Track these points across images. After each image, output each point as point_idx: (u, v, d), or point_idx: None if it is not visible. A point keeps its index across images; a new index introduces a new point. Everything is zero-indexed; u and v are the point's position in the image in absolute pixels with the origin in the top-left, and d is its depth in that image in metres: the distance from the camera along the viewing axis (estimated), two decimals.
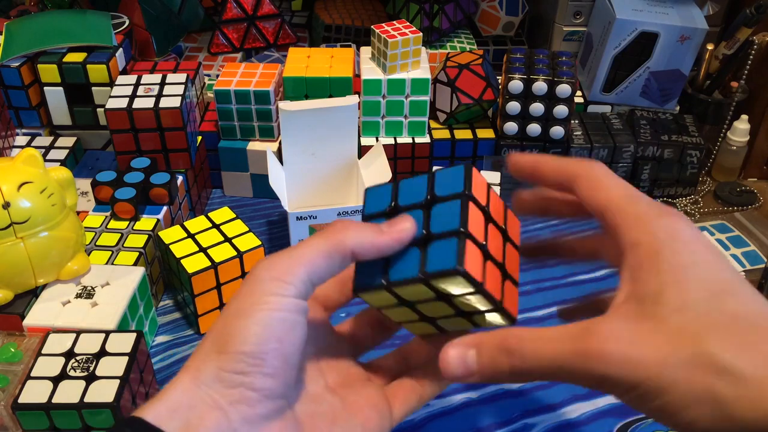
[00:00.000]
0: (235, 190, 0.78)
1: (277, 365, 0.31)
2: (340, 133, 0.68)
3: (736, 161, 0.81)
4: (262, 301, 0.31)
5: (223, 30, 0.93)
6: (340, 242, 0.32)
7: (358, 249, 0.32)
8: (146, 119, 0.64)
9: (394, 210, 0.35)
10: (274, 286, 0.31)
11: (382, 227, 0.33)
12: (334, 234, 0.33)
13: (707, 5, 0.86)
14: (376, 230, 0.33)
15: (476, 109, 0.76)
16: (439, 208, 0.34)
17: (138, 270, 0.57)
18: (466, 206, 0.33)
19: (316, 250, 0.32)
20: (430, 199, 0.34)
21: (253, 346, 0.30)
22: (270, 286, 0.31)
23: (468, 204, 0.33)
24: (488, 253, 0.33)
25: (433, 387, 0.38)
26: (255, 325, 0.30)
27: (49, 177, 0.52)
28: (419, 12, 0.89)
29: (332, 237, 0.32)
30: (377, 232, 0.33)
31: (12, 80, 0.71)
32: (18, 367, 0.49)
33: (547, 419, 0.53)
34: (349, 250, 0.32)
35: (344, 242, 0.32)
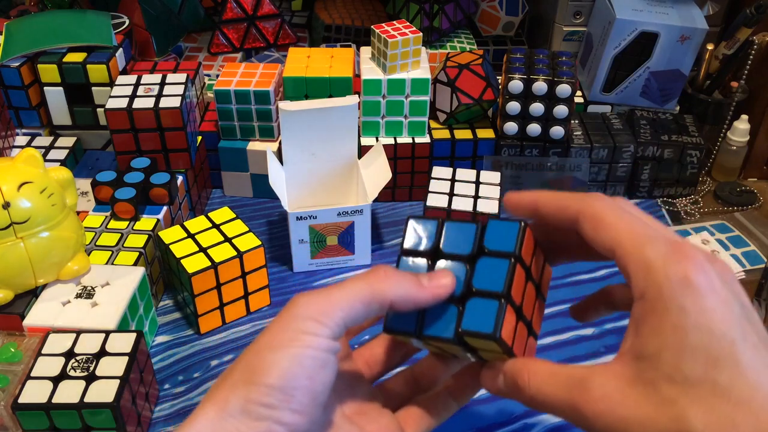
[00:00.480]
0: (235, 190, 0.78)
1: (305, 402, 0.31)
2: (340, 133, 0.68)
3: (736, 161, 0.81)
4: (297, 338, 0.31)
5: (223, 30, 0.93)
6: (381, 292, 0.32)
7: (397, 301, 0.33)
8: (146, 119, 0.64)
9: (434, 254, 0.35)
10: (309, 325, 0.31)
11: (422, 280, 0.33)
12: (376, 282, 0.33)
13: (707, 5, 0.86)
14: (416, 284, 0.33)
15: (476, 109, 0.76)
16: (486, 263, 0.34)
17: (138, 270, 0.57)
18: (513, 270, 0.33)
19: (355, 296, 0.32)
20: (477, 252, 0.34)
21: (283, 380, 0.30)
22: (306, 325, 0.31)
23: (516, 267, 0.33)
24: (521, 315, 0.34)
25: (443, 412, 0.39)
26: (287, 360, 0.31)
27: (49, 177, 0.52)
28: (419, 12, 0.89)
29: (374, 285, 0.33)
30: (417, 286, 0.33)
31: (12, 80, 0.71)
32: (18, 367, 0.49)
33: (547, 419, 0.52)
34: (388, 301, 0.33)
35: (385, 293, 0.33)
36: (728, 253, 0.68)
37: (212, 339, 0.60)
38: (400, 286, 0.33)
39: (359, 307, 0.32)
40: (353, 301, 0.32)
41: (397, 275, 0.33)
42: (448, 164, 0.76)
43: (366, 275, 0.33)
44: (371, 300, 0.32)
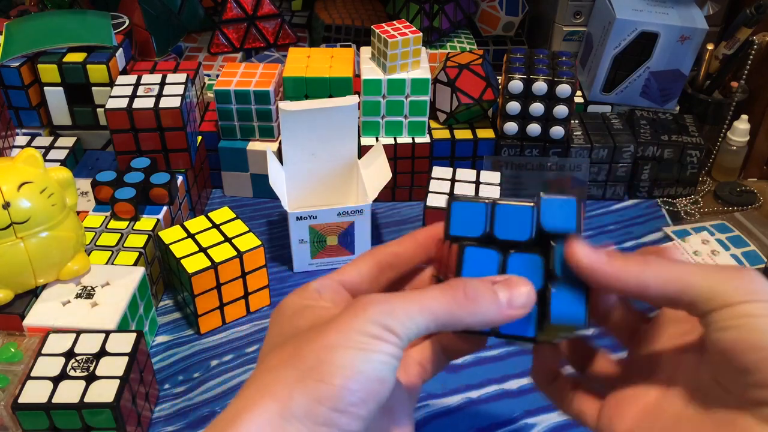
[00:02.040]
0: (235, 190, 0.78)
1: (373, 410, 0.29)
2: (340, 133, 0.68)
3: (736, 161, 0.81)
4: (368, 341, 0.29)
5: (223, 30, 0.93)
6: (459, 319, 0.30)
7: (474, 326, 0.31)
8: (146, 119, 0.64)
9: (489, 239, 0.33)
10: (385, 334, 0.29)
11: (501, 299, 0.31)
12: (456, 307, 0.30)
13: (707, 5, 0.86)
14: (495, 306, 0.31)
15: (476, 109, 0.76)
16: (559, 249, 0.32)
17: (138, 270, 0.57)
18: None
19: (432, 316, 0.30)
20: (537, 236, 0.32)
21: (357, 384, 0.28)
22: (381, 332, 0.29)
23: None
24: None
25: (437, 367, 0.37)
26: (361, 362, 0.28)
27: (49, 177, 0.52)
28: (419, 12, 0.89)
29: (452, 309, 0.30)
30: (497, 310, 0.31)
31: (12, 80, 0.71)
32: (18, 367, 0.49)
33: (547, 419, 0.53)
34: (463, 327, 0.31)
35: (462, 320, 0.30)
36: (728, 253, 0.68)
37: (212, 339, 0.60)
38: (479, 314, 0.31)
39: (432, 327, 0.30)
40: (429, 319, 0.30)
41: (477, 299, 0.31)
42: (448, 164, 0.76)
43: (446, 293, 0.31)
44: (447, 324, 0.30)
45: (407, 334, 0.29)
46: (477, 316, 0.31)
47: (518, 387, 0.55)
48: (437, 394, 0.54)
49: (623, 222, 0.75)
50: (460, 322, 0.30)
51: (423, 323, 0.30)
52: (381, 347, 0.29)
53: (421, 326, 0.30)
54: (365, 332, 0.29)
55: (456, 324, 0.30)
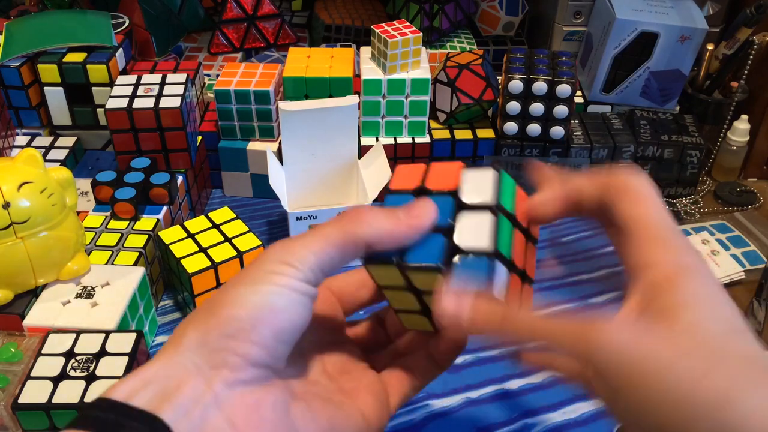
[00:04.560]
0: (235, 190, 0.78)
1: (266, 335, 0.29)
2: (340, 133, 0.68)
3: (736, 161, 0.81)
4: (265, 277, 0.30)
5: (223, 30, 0.93)
6: (354, 234, 0.31)
7: (374, 240, 0.31)
8: (146, 119, 0.64)
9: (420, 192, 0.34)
10: (279, 267, 0.30)
11: (399, 214, 0.32)
12: (349, 224, 0.31)
13: (707, 5, 0.86)
14: (393, 219, 0.32)
15: (476, 109, 0.76)
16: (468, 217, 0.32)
17: (138, 270, 0.57)
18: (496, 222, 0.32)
19: (328, 240, 0.31)
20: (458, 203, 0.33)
21: (244, 311, 0.29)
22: (275, 267, 0.30)
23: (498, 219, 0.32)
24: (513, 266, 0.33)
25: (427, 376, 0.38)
26: (251, 294, 0.30)
27: (49, 177, 0.52)
28: (419, 12, 0.89)
29: (346, 227, 0.31)
30: (394, 222, 0.31)
31: (12, 80, 0.71)
32: (18, 367, 0.49)
33: (547, 419, 0.53)
34: (362, 243, 0.31)
35: (358, 234, 0.31)
36: (728, 253, 0.68)
37: None
38: (375, 224, 0.31)
39: (333, 252, 0.31)
40: (326, 246, 0.31)
41: (372, 214, 0.32)
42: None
43: (337, 218, 0.32)
44: (345, 243, 0.31)
45: (306, 263, 0.30)
46: (371, 226, 0.31)
47: (518, 387, 0.55)
48: (437, 394, 0.54)
49: None
50: (355, 237, 0.31)
51: (319, 248, 0.31)
52: (274, 279, 0.30)
53: (318, 252, 0.31)
54: (261, 270, 0.30)
55: (353, 242, 0.31)
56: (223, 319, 0.29)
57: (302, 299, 0.30)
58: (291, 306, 0.30)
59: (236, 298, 0.30)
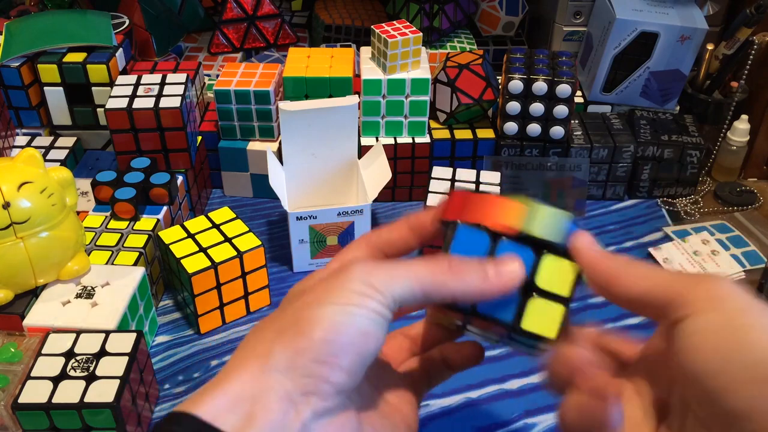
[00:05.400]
0: (235, 190, 0.78)
1: (354, 360, 0.29)
2: (340, 133, 0.68)
3: (736, 161, 0.81)
4: (350, 297, 0.29)
5: (223, 30, 0.93)
6: (444, 286, 0.30)
7: (460, 297, 0.31)
8: (146, 119, 0.64)
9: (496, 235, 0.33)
10: (365, 289, 0.29)
11: (489, 271, 0.31)
12: (443, 274, 0.31)
13: (707, 5, 0.86)
14: (482, 277, 0.31)
15: (476, 109, 0.76)
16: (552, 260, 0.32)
17: (138, 270, 0.57)
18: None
19: (417, 280, 0.30)
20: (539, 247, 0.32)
21: (335, 335, 0.28)
22: (360, 288, 0.29)
23: None
24: None
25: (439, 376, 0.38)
26: (339, 314, 0.28)
27: (49, 177, 0.52)
28: (419, 12, 0.89)
29: (438, 276, 0.31)
30: (484, 281, 0.31)
31: (12, 80, 0.71)
32: (18, 367, 0.49)
33: (547, 419, 0.52)
34: (449, 296, 0.31)
35: (447, 287, 0.30)
36: (728, 253, 0.68)
37: (212, 339, 0.60)
38: (466, 282, 0.31)
39: (418, 293, 0.30)
40: (414, 283, 0.30)
41: (464, 269, 0.31)
42: (448, 164, 0.76)
43: (431, 262, 0.31)
44: (432, 290, 0.30)
45: (391, 291, 0.30)
46: (461, 282, 0.31)
47: (518, 387, 0.55)
48: (437, 394, 0.54)
49: (623, 222, 0.75)
50: (444, 287, 0.30)
51: (407, 284, 0.30)
52: (361, 301, 0.29)
53: (404, 286, 0.30)
54: (347, 289, 0.29)
55: (440, 290, 0.30)
56: (314, 342, 0.28)
57: (384, 323, 0.30)
58: (375, 329, 0.29)
59: (326, 318, 0.29)
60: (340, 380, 0.28)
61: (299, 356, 0.28)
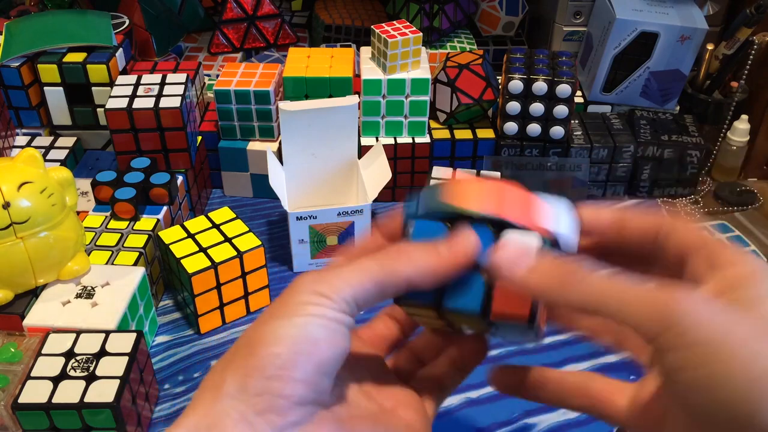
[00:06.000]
0: (235, 190, 0.78)
1: (309, 370, 0.28)
2: (340, 133, 0.68)
3: (736, 161, 0.81)
4: (298, 308, 0.29)
5: (223, 30, 0.93)
6: (395, 272, 0.30)
7: (415, 279, 0.30)
8: (146, 119, 0.64)
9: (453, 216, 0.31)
10: (314, 298, 0.29)
11: (440, 249, 0.30)
12: (389, 261, 0.30)
13: (707, 5, 0.86)
14: (434, 255, 0.30)
15: (476, 109, 0.76)
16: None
17: (138, 270, 0.57)
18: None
19: (367, 275, 0.30)
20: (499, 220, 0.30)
21: (283, 347, 0.28)
22: (310, 298, 0.29)
23: None
24: None
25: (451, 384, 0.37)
26: (288, 327, 0.28)
27: (49, 177, 0.52)
28: (419, 12, 0.89)
29: (386, 264, 0.30)
30: (436, 258, 0.30)
31: (12, 80, 0.71)
32: (18, 367, 0.49)
33: (547, 419, 0.53)
34: (403, 281, 0.30)
35: (398, 272, 0.30)
36: None
37: (212, 339, 0.60)
38: (416, 262, 0.30)
39: (371, 288, 0.29)
40: (364, 280, 0.29)
41: (412, 250, 0.30)
42: (448, 164, 0.76)
43: (377, 254, 0.30)
44: (384, 280, 0.30)
45: (340, 294, 0.29)
46: (411, 264, 0.30)
47: None
48: None
49: None
50: (395, 273, 0.30)
51: (357, 281, 0.29)
52: (308, 310, 0.28)
53: (355, 285, 0.29)
54: (293, 302, 0.29)
55: (392, 278, 0.30)
56: (262, 359, 0.28)
57: (339, 328, 0.29)
58: (330, 336, 0.29)
59: (272, 334, 0.28)
60: (296, 392, 0.28)
61: (249, 377, 0.28)
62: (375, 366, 0.37)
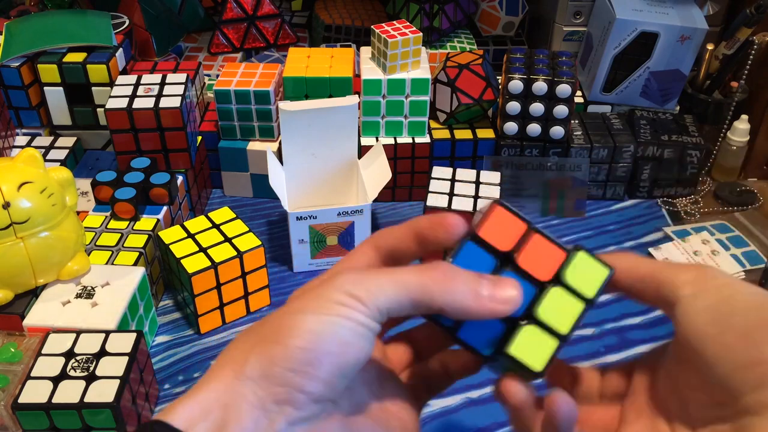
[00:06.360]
0: (235, 190, 0.78)
1: (332, 371, 0.28)
2: (340, 133, 0.68)
3: (736, 161, 0.81)
4: (332, 307, 0.28)
5: (223, 30, 0.93)
6: (433, 298, 0.29)
7: (449, 311, 0.30)
8: (146, 119, 0.64)
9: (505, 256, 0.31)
10: (347, 300, 0.29)
11: (483, 291, 0.30)
12: (431, 284, 0.30)
13: (707, 5, 0.86)
14: (475, 296, 0.30)
15: (476, 109, 0.76)
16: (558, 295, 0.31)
17: (138, 270, 0.57)
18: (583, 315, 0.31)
19: (405, 290, 0.29)
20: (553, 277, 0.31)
21: (311, 344, 0.28)
22: (343, 299, 0.29)
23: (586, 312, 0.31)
24: None
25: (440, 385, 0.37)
26: (318, 323, 0.28)
27: (49, 177, 0.52)
28: (419, 12, 0.89)
29: (426, 286, 0.29)
30: (475, 300, 0.30)
31: (12, 80, 0.71)
32: (18, 367, 0.49)
33: None
34: (438, 308, 0.30)
35: (436, 300, 0.29)
36: (728, 253, 0.68)
37: (212, 339, 0.60)
38: (457, 296, 0.30)
39: (405, 302, 0.29)
40: (401, 293, 0.29)
41: (455, 280, 0.30)
42: (448, 164, 0.76)
43: (422, 270, 0.30)
44: (421, 301, 0.29)
45: (375, 302, 0.29)
46: (451, 295, 0.30)
47: None
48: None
49: (623, 222, 0.75)
50: (432, 299, 0.29)
51: (393, 294, 0.29)
52: (341, 311, 0.28)
53: (391, 296, 0.29)
54: (330, 299, 0.29)
55: (428, 300, 0.30)
56: (288, 350, 0.28)
57: (367, 334, 0.29)
58: (357, 340, 0.29)
59: (301, 326, 0.28)
60: (317, 390, 0.28)
61: (274, 365, 0.28)
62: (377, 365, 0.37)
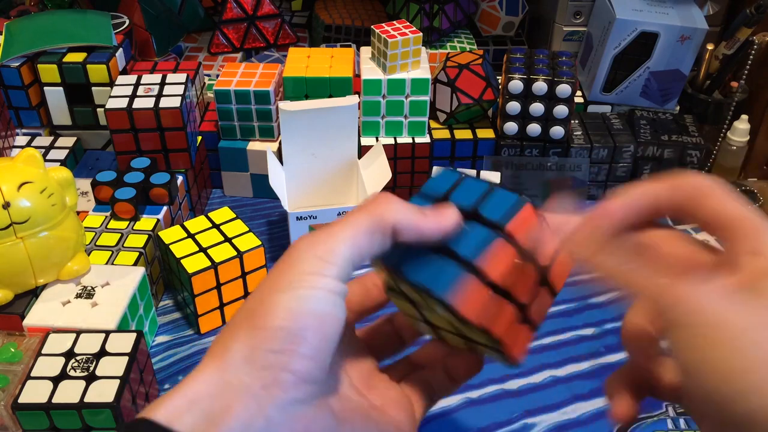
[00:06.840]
0: (235, 190, 0.78)
1: (315, 345, 0.28)
2: (340, 133, 0.68)
3: (736, 161, 0.81)
4: (302, 279, 0.28)
5: (223, 30, 0.93)
6: (381, 217, 0.30)
7: (399, 227, 0.30)
8: (146, 119, 0.64)
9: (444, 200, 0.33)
10: (315, 264, 0.29)
11: (425, 210, 0.31)
12: (376, 208, 0.30)
13: (707, 5, 0.86)
14: (418, 211, 0.31)
15: (476, 109, 0.76)
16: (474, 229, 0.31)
17: (138, 270, 0.57)
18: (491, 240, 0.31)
19: (358, 228, 0.30)
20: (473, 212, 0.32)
21: (290, 321, 0.28)
22: (311, 265, 0.29)
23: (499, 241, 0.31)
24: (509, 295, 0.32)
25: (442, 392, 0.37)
26: (293, 300, 0.28)
27: (49, 177, 0.52)
28: (419, 12, 0.89)
29: (374, 211, 0.30)
30: (419, 214, 0.31)
31: (12, 80, 0.71)
32: (18, 367, 0.49)
33: (547, 419, 0.53)
34: (390, 227, 0.30)
35: (385, 217, 0.30)
36: None
37: (212, 339, 0.60)
38: (401, 211, 0.30)
39: (363, 239, 0.29)
40: (357, 234, 0.29)
41: (399, 202, 0.31)
42: (448, 164, 0.76)
43: (365, 204, 0.31)
44: (374, 228, 0.30)
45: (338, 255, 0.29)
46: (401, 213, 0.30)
47: (518, 387, 0.55)
48: None
49: None
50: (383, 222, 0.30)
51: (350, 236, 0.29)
52: (313, 281, 0.28)
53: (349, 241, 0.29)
54: (298, 271, 0.29)
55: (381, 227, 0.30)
56: (268, 332, 0.28)
57: (339, 300, 0.29)
58: (333, 310, 0.29)
59: (277, 307, 0.28)
60: (303, 368, 0.28)
61: (256, 349, 0.28)
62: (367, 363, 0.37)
